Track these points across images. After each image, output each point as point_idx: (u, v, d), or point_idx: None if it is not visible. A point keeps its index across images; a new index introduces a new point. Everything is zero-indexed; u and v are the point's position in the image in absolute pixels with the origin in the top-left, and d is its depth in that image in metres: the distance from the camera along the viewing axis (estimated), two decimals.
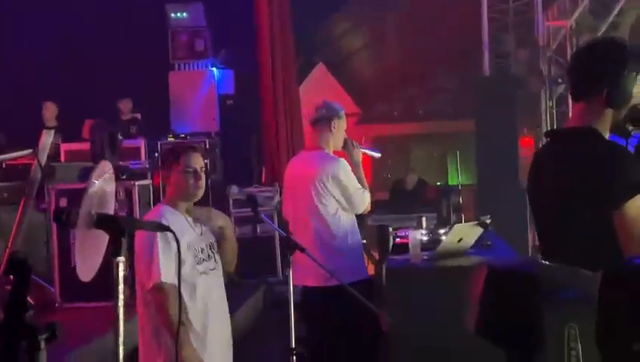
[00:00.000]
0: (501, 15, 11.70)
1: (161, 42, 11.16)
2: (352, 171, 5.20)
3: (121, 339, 2.29)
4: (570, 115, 3.12)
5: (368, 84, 15.22)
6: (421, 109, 15.90)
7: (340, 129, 5.29)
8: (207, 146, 10.24)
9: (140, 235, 3.58)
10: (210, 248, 3.86)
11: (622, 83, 2.86)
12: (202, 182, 3.81)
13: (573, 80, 3.06)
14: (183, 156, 3.76)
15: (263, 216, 4.34)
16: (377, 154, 5.68)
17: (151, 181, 7.72)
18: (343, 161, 5.20)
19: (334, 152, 5.31)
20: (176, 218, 3.71)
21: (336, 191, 5.12)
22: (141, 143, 9.62)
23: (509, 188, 10.37)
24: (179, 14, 11.25)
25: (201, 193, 3.82)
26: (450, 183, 13.72)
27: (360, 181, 5.23)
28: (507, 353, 2.18)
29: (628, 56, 2.91)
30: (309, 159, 5.30)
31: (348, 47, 14.91)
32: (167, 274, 3.57)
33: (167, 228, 2.66)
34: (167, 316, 3.56)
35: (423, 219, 5.80)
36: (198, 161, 3.80)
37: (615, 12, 11.35)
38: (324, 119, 5.26)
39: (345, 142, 5.35)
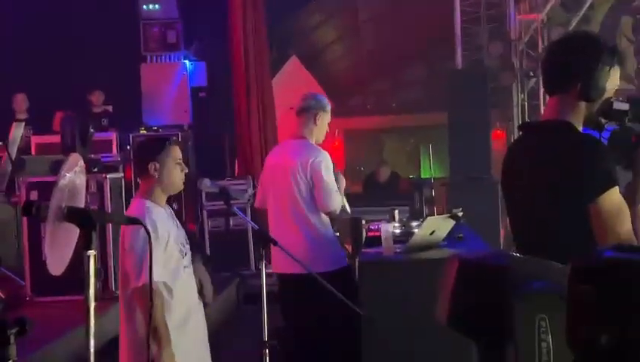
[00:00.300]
0: (473, 8, 11.74)
1: (132, 34, 11.08)
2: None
3: (92, 333, 2.27)
4: (544, 108, 3.13)
5: (341, 77, 15.23)
6: (394, 102, 15.94)
7: (323, 123, 5.32)
8: (180, 139, 10.19)
9: (129, 230, 3.57)
10: (187, 241, 3.86)
11: (596, 76, 2.88)
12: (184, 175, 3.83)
13: (547, 73, 3.06)
14: (172, 148, 3.76)
15: (235, 209, 4.33)
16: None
17: (123, 174, 7.67)
18: (327, 154, 5.23)
19: (332, 148, 5.34)
20: (160, 212, 3.71)
21: (314, 181, 5.14)
22: (113, 136, 9.55)
23: (481, 181, 10.44)
24: (151, 6, 11.17)
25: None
26: (422, 176, 13.79)
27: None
28: (478, 344, 2.19)
29: (602, 50, 2.93)
30: (293, 147, 5.32)
31: (321, 40, 14.90)
32: (157, 272, 3.55)
33: (138, 222, 2.64)
34: (155, 316, 3.54)
35: (396, 211, 5.81)
36: (181, 154, 3.81)
37: (586, 6, 11.43)
38: (310, 109, 5.29)
39: None
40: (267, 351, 4.16)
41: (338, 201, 5.19)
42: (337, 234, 5.53)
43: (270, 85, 10.73)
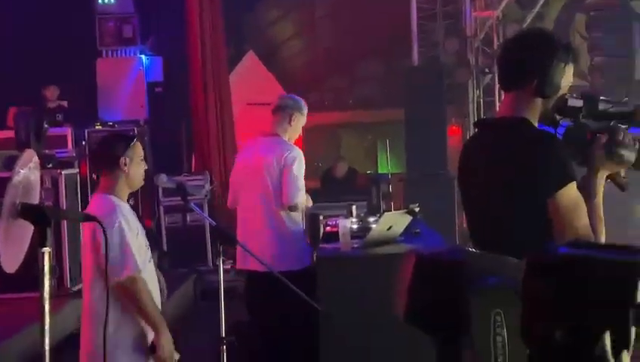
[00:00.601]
0: (430, 5, 11.79)
1: (88, 28, 10.94)
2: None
3: (47, 330, 2.25)
4: (500, 104, 3.15)
5: (299, 73, 15.19)
6: (351, 98, 15.95)
7: (298, 124, 5.34)
8: (136, 134, 10.09)
9: (94, 227, 3.54)
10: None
11: (551, 73, 2.89)
12: None
13: (502, 70, 3.07)
14: (137, 144, 3.76)
15: (192, 205, 4.31)
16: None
17: (78, 170, 7.58)
18: (301, 153, 5.25)
19: None
20: (127, 208, 3.72)
21: (283, 172, 5.15)
22: (68, 131, 9.42)
23: (437, 177, 10.50)
24: (106, 0, 11.05)
25: None
26: (380, 172, 13.82)
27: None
28: (435, 340, 2.20)
29: (556, 47, 2.95)
30: (266, 144, 5.31)
31: (278, 36, 14.85)
32: (139, 262, 3.60)
33: (94, 219, 2.62)
34: (146, 304, 3.60)
35: (353, 207, 5.82)
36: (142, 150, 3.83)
37: (541, 3, 11.55)
38: (286, 109, 5.31)
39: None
40: (225, 347, 4.15)
41: (301, 197, 5.18)
42: None
43: (227, 81, 10.68)
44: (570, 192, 2.78)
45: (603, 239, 2.86)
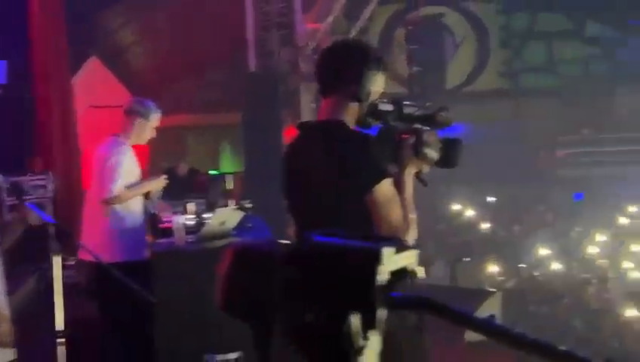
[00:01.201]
0: (265, 16, 11.87)
1: None
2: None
3: None
4: (319, 108, 3.19)
5: (144, 77, 14.87)
6: (195, 102, 15.81)
7: (141, 129, 5.22)
8: None
9: None
10: None
11: (364, 80, 2.97)
12: None
13: (321, 77, 3.13)
14: None
15: (27, 203, 4.14)
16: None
17: None
18: (125, 148, 5.15)
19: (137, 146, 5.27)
20: None
21: (98, 166, 5.10)
22: None
23: (273, 176, 10.54)
24: None
25: None
26: (220, 171, 13.77)
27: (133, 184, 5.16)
28: (252, 327, 2.19)
29: (368, 56, 3.02)
30: (104, 143, 5.24)
31: (122, 41, 14.49)
32: None
33: None
34: None
35: (188, 204, 5.78)
36: None
37: (365, 17, 11.86)
38: (131, 113, 5.21)
39: None
40: (61, 341, 4.00)
41: (117, 191, 5.05)
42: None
43: (70, 84, 10.33)
44: (384, 188, 2.86)
45: (415, 230, 2.95)
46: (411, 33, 11.87)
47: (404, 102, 3.04)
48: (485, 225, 11.76)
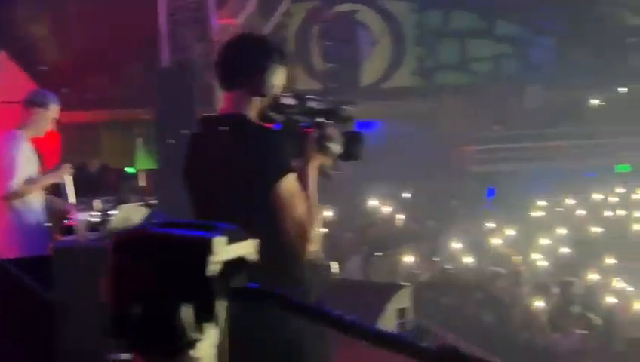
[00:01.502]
0: (178, 11, 11.70)
1: None
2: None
3: None
4: (222, 102, 3.13)
5: (55, 71, 14.49)
6: (109, 97, 15.52)
7: (40, 119, 5.08)
8: None
9: None
10: None
11: (266, 74, 2.91)
12: None
13: (223, 71, 3.05)
14: None
15: None
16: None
17: None
18: (21, 141, 4.99)
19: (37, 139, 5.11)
20: None
21: None
22: None
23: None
24: None
25: None
26: (134, 168, 13.53)
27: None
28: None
29: (271, 50, 2.97)
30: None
31: (32, 35, 14.07)
32: None
33: None
34: None
35: (95, 201, 5.60)
36: None
37: (279, 14, 11.82)
38: (29, 104, 5.08)
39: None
40: None
41: (12, 186, 4.93)
42: (50, 225, 5.29)
43: None
44: (289, 183, 2.82)
45: (320, 224, 2.92)
46: (326, 29, 11.89)
47: (307, 96, 3.01)
48: (400, 220, 11.89)
